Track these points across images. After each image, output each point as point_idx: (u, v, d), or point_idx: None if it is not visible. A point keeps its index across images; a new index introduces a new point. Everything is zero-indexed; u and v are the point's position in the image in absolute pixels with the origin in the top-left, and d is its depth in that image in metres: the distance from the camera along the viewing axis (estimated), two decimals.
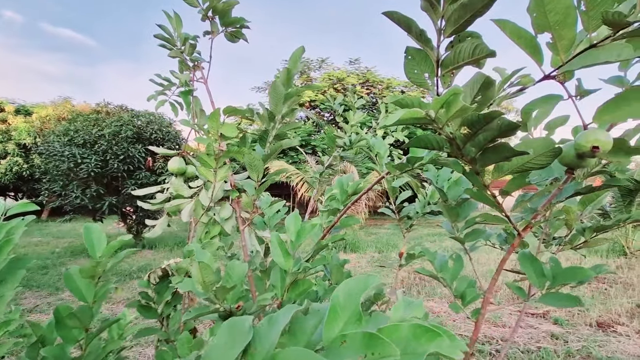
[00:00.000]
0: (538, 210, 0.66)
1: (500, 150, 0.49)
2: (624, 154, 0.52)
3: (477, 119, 0.44)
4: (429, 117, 0.44)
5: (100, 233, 0.78)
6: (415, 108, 0.44)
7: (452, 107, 0.41)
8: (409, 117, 0.43)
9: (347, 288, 0.34)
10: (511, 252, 0.69)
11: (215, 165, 0.92)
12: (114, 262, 0.77)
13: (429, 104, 0.44)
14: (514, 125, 0.45)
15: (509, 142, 0.48)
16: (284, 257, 0.78)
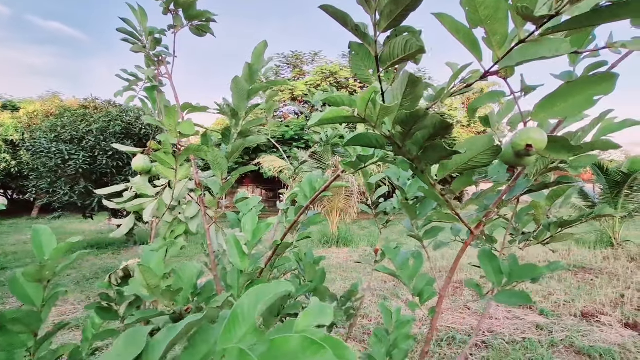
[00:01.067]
0: (490, 208, 0.65)
1: (436, 149, 0.47)
2: (565, 152, 0.51)
3: (405, 117, 0.42)
4: (358, 116, 0.43)
5: (51, 235, 0.76)
6: (344, 106, 0.43)
7: (376, 106, 0.39)
8: (334, 116, 0.41)
9: (254, 296, 0.33)
10: (464, 249, 0.68)
11: (175, 163, 0.90)
12: (65, 264, 0.75)
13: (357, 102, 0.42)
14: (447, 124, 0.44)
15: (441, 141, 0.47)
16: (240, 257, 0.77)
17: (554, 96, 0.46)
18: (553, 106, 0.47)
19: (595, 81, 0.43)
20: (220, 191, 0.98)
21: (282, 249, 0.99)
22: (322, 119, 0.40)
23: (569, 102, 0.46)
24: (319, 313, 0.34)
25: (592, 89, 0.44)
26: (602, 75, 0.43)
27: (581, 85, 0.44)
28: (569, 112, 0.46)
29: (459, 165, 0.55)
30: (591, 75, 0.43)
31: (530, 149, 0.45)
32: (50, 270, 0.71)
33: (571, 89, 0.45)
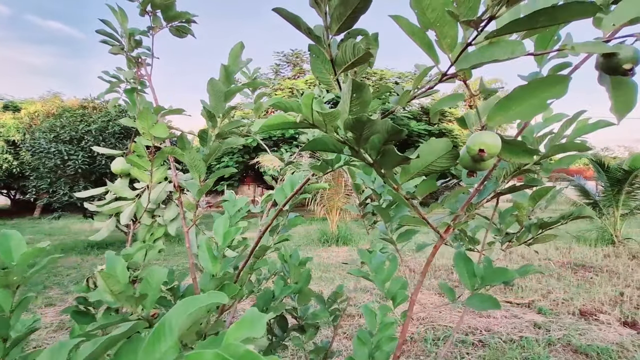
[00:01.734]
0: (458, 212, 0.64)
1: (389, 153, 0.47)
2: (526, 156, 0.50)
3: (352, 122, 0.41)
4: (305, 122, 0.42)
5: (20, 240, 0.76)
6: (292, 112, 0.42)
7: (320, 112, 0.39)
8: (278, 122, 0.40)
9: (182, 308, 0.33)
10: (434, 253, 0.67)
11: (150, 166, 0.90)
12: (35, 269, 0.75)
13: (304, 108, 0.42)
14: (396, 129, 0.43)
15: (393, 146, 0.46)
16: (211, 261, 0.77)
17: (509, 99, 0.45)
18: (508, 109, 0.46)
19: (548, 84, 0.42)
20: (197, 194, 0.98)
21: (260, 251, 0.98)
22: (265, 126, 0.39)
23: (523, 105, 0.45)
24: (250, 325, 0.34)
25: (545, 91, 0.43)
26: (555, 77, 0.42)
27: (534, 88, 0.43)
28: (524, 116, 0.45)
29: (420, 170, 0.54)
30: (543, 77, 0.42)
31: (483, 154, 0.44)
32: (18, 275, 0.70)
33: (525, 92, 0.44)
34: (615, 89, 0.41)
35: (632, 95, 0.40)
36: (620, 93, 0.40)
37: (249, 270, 1.01)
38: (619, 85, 0.41)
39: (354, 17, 0.44)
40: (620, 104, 0.41)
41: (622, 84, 0.40)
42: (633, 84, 0.40)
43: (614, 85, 0.41)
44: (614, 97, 0.41)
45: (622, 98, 0.41)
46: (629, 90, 0.40)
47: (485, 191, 0.64)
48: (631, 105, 0.40)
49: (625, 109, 0.41)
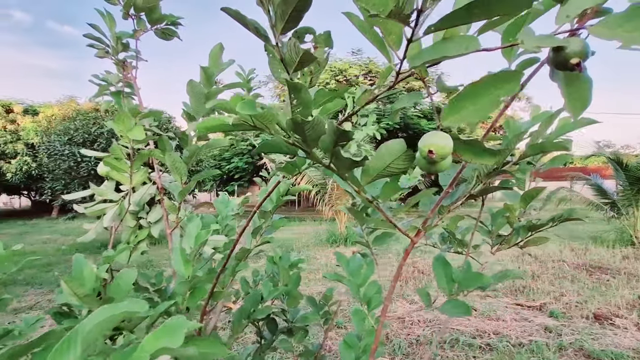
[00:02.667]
0: (427, 215, 0.62)
1: (337, 156, 0.45)
2: (488, 157, 0.48)
3: (291, 124, 0.40)
4: (245, 123, 0.41)
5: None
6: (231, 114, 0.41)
7: (254, 114, 0.37)
8: (215, 124, 0.39)
9: (98, 317, 0.32)
10: (405, 258, 0.65)
11: (129, 169, 0.90)
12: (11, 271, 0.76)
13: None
14: (341, 131, 0.41)
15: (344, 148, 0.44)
16: (184, 265, 0.76)
17: (462, 98, 0.43)
18: (462, 109, 0.43)
19: (500, 80, 0.40)
20: (179, 196, 0.98)
21: (242, 254, 0.98)
22: (203, 128, 0.38)
23: (477, 104, 0.42)
24: (169, 334, 0.33)
25: (498, 88, 0.40)
26: (506, 73, 0.39)
27: (486, 85, 0.40)
28: (479, 115, 0.42)
29: (379, 171, 0.52)
30: (495, 74, 0.39)
31: (432, 155, 0.42)
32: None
33: (477, 90, 0.41)
34: (568, 86, 0.38)
35: (586, 92, 0.37)
36: (574, 90, 0.38)
37: (231, 273, 1.00)
38: (571, 82, 0.38)
39: (297, 15, 0.43)
40: (574, 101, 0.38)
41: (575, 80, 0.37)
42: (587, 80, 0.37)
43: (567, 82, 0.38)
44: (567, 94, 0.38)
45: (576, 95, 0.38)
46: (583, 86, 0.37)
47: (455, 193, 0.61)
48: (586, 103, 0.37)
49: (580, 106, 0.38)
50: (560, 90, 0.39)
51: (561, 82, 0.38)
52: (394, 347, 3.41)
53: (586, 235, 8.50)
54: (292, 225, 12.75)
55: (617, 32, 0.31)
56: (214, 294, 0.97)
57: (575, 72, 0.35)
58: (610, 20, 0.32)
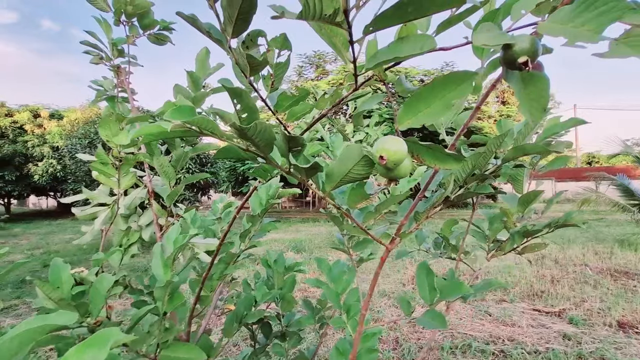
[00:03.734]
0: (400, 222, 0.59)
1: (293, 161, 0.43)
2: (452, 162, 0.45)
3: (237, 129, 0.39)
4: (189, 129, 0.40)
5: None
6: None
7: (191, 120, 0.36)
8: (152, 132, 0.38)
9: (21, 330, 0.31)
10: (381, 265, 0.63)
11: (116, 173, 0.91)
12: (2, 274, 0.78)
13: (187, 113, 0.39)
14: (291, 137, 0.40)
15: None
16: (163, 269, 0.76)
17: (415, 101, 0.40)
18: (417, 111, 0.41)
19: (452, 82, 0.37)
20: (167, 200, 0.98)
21: (229, 258, 0.97)
22: (137, 135, 0.37)
23: (432, 106, 0.40)
24: (94, 346, 0.32)
25: (449, 91, 0.38)
26: (458, 75, 0.37)
27: (437, 87, 0.38)
28: (433, 117, 0.40)
29: (342, 177, 0.50)
30: (446, 75, 0.37)
31: (382, 161, 0.39)
32: None
33: (430, 92, 0.39)
34: (523, 86, 0.35)
35: (543, 92, 0.34)
36: (530, 90, 0.35)
37: (219, 277, 1.00)
38: (526, 82, 0.35)
39: (244, 18, 0.42)
40: (530, 102, 0.35)
41: (529, 80, 0.34)
42: (542, 79, 0.34)
43: (521, 82, 0.35)
44: (522, 95, 0.35)
45: (532, 95, 0.35)
46: (539, 86, 0.34)
47: (430, 199, 0.59)
48: (544, 104, 0.34)
49: (537, 108, 0.35)
50: (514, 92, 0.36)
51: (515, 82, 0.35)
52: (403, 351, 3.34)
53: (612, 238, 8.13)
54: (306, 226, 12.75)
55: (567, 27, 0.28)
56: (200, 298, 0.97)
57: (525, 71, 0.32)
58: (561, 15, 0.29)
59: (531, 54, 0.31)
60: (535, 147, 0.56)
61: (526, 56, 0.31)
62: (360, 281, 0.91)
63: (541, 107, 0.34)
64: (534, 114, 0.35)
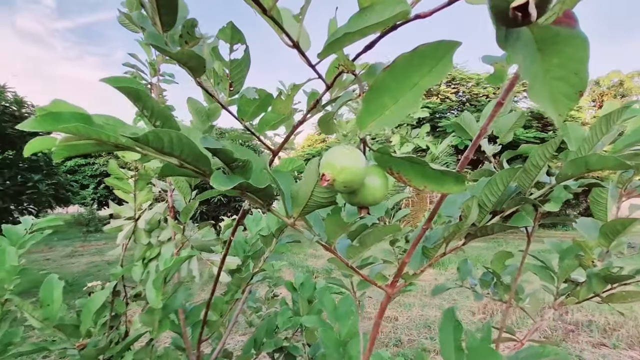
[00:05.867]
0: (403, 259, 0.44)
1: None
2: (450, 182, 0.31)
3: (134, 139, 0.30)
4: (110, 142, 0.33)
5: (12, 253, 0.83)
6: None
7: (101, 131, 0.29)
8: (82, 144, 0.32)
9: None
10: (381, 314, 0.48)
11: (133, 189, 0.91)
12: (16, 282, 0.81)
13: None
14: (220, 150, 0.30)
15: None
16: (155, 292, 0.71)
17: (379, 93, 0.27)
18: (383, 108, 0.28)
19: (424, 60, 0.24)
20: (182, 216, 0.96)
21: (238, 281, 0.90)
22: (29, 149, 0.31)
23: (401, 99, 0.27)
24: None
25: (422, 73, 0.24)
26: (431, 47, 0.23)
27: (405, 69, 0.25)
28: (402, 114, 0.26)
29: (306, 201, 0.38)
30: (412, 51, 0.23)
31: (323, 183, 0.27)
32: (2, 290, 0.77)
33: (395, 78, 0.26)
34: (541, 56, 0.19)
35: (577, 64, 0.18)
36: (552, 62, 0.19)
37: (229, 299, 0.93)
38: (546, 46, 0.19)
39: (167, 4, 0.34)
40: (550, 83, 0.19)
41: (553, 43, 0.19)
42: (575, 40, 0.18)
43: (536, 47, 0.20)
44: (536, 71, 0.19)
45: (557, 72, 0.19)
46: (569, 54, 0.18)
47: (437, 231, 0.43)
48: (579, 85, 0.19)
49: (566, 93, 0.19)
50: (520, 66, 0.20)
51: (520, 50, 0.20)
52: None
53: None
54: None
55: None
56: (208, 323, 0.91)
57: (520, 25, 0.18)
58: None
59: None
60: (604, 161, 0.37)
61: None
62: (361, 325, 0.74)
63: (574, 91, 0.19)
64: (560, 103, 0.19)
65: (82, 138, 0.31)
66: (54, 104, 0.28)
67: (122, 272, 0.95)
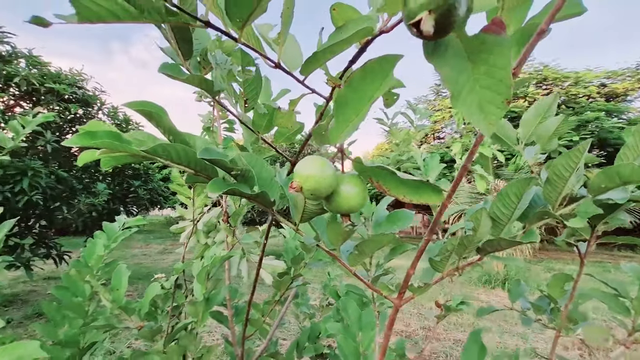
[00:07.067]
0: (407, 271, 0.43)
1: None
2: (428, 192, 0.30)
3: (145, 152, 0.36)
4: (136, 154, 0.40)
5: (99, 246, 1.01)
6: None
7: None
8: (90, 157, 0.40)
9: None
10: (390, 327, 0.47)
11: (191, 194, 1.03)
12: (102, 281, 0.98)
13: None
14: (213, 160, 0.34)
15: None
16: (199, 287, 0.80)
17: (343, 107, 0.29)
18: (348, 121, 0.29)
19: (374, 75, 0.24)
20: (232, 220, 1.05)
21: (277, 284, 0.95)
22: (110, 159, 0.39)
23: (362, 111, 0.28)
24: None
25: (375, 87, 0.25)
26: (377, 63, 0.24)
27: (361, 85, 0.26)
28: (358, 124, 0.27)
29: (303, 210, 0.41)
30: (365, 67, 0.24)
31: (291, 190, 0.29)
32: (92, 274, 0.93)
33: (355, 94, 0.27)
34: (472, 63, 0.18)
35: (501, 71, 0.17)
36: (480, 70, 0.18)
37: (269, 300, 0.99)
38: (475, 54, 0.18)
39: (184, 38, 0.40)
40: (480, 93, 0.18)
41: (479, 50, 0.18)
42: (501, 45, 0.17)
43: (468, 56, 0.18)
44: (461, 83, 0.18)
45: (485, 80, 0.18)
46: (494, 61, 0.17)
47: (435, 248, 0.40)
48: (505, 92, 0.17)
49: (495, 102, 0.18)
50: (441, 78, 0.20)
51: (443, 62, 0.20)
52: None
53: None
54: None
55: None
56: (250, 321, 0.98)
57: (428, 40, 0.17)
58: None
59: (433, 5, 0.16)
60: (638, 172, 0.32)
61: (419, 13, 0.17)
62: None
63: (502, 99, 0.18)
64: (489, 112, 0.18)
65: (115, 151, 0.38)
66: (91, 124, 0.36)
67: (182, 267, 1.08)
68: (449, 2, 0.17)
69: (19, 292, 5.31)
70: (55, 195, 4.60)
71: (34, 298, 5.01)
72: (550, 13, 0.25)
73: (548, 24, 0.24)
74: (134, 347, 3.41)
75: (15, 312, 4.43)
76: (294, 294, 1.21)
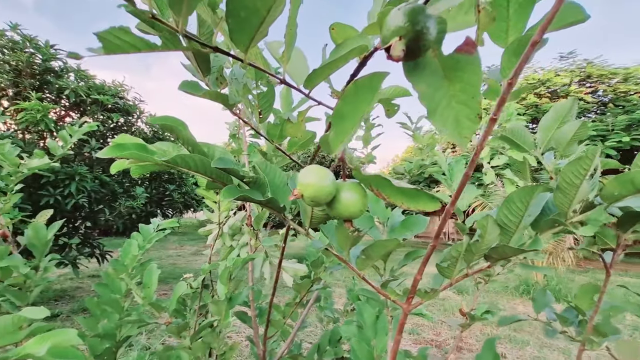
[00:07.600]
0: (415, 276, 0.43)
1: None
2: (424, 200, 0.31)
3: (164, 162, 0.40)
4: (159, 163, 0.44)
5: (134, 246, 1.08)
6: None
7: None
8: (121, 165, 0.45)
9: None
10: (400, 331, 0.48)
11: (217, 198, 1.09)
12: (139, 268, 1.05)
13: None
14: (224, 170, 0.38)
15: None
16: (222, 287, 0.84)
17: (341, 120, 0.30)
18: (345, 133, 0.31)
19: (364, 91, 0.26)
20: (255, 223, 1.09)
21: (298, 287, 0.98)
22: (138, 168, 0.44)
23: (356, 122, 0.29)
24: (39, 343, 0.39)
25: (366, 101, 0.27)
26: (367, 80, 0.25)
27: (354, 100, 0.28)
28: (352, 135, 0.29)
29: (311, 215, 0.43)
30: (357, 84, 0.26)
31: (292, 196, 0.31)
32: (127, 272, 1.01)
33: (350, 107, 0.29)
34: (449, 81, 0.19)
35: (471, 88, 0.18)
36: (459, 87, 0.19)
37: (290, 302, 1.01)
38: (449, 72, 0.19)
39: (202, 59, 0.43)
40: (456, 109, 0.19)
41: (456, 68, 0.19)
42: (473, 64, 0.18)
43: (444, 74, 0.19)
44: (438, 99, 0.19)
45: (460, 97, 0.19)
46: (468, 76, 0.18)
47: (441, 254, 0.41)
48: (475, 108, 0.18)
49: (468, 116, 0.19)
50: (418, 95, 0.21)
51: (420, 79, 0.21)
52: None
53: None
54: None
55: None
56: (272, 322, 1.01)
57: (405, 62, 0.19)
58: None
59: (405, 32, 0.18)
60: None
61: (393, 37, 0.18)
62: None
63: (474, 114, 0.19)
64: (464, 126, 0.20)
65: (141, 160, 0.42)
66: (121, 137, 0.40)
67: (209, 268, 1.13)
68: (416, 28, 0.19)
69: (66, 288, 5.74)
70: (99, 198, 4.95)
71: (79, 294, 5.40)
72: (541, 25, 0.25)
73: (541, 35, 0.25)
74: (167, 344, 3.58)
75: (64, 306, 4.80)
76: (316, 297, 1.23)
